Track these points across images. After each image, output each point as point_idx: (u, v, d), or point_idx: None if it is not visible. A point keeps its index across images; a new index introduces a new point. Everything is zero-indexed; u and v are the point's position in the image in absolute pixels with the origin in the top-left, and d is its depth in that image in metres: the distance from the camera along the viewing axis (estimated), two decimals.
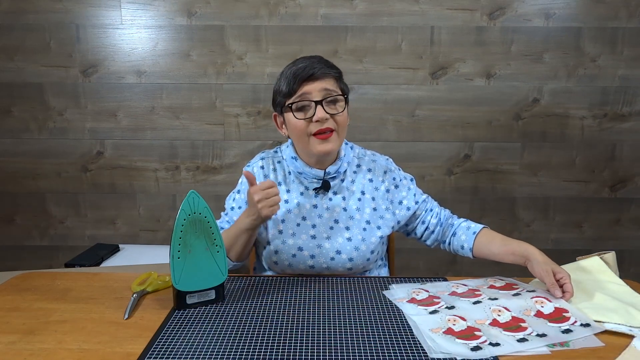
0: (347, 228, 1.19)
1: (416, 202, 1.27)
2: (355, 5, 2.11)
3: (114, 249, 2.10)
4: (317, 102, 1.10)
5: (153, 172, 2.27)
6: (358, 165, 1.26)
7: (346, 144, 1.28)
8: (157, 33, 2.14)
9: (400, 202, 1.26)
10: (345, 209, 1.21)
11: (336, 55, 2.14)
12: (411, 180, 1.31)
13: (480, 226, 1.23)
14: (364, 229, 1.20)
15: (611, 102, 2.19)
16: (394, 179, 1.26)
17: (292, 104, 1.12)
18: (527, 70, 2.16)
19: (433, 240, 1.30)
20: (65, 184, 2.28)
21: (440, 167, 2.26)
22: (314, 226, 1.20)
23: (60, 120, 2.22)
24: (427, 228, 1.28)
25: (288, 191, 1.22)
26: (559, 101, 2.19)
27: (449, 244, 1.28)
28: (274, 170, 1.25)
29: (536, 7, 2.11)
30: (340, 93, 1.14)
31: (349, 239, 1.18)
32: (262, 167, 1.24)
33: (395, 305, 1.00)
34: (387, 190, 1.25)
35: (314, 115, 1.10)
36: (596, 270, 1.11)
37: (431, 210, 1.29)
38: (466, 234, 1.22)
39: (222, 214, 1.29)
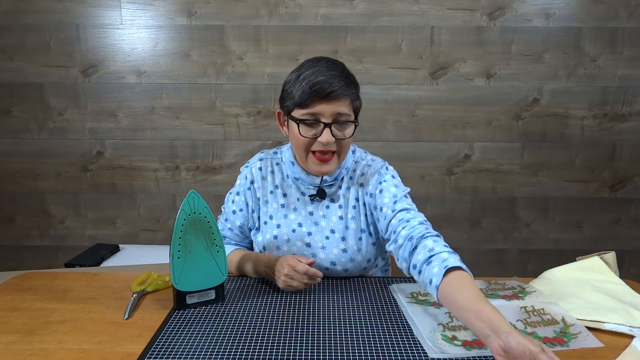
0: (343, 238, 1.16)
1: (393, 211, 1.10)
2: (355, 5, 2.11)
3: (114, 249, 2.10)
4: (326, 124, 1.04)
5: (153, 172, 2.27)
6: (354, 170, 1.21)
7: None
8: (157, 33, 2.14)
9: (381, 209, 1.12)
10: (341, 218, 1.17)
11: (336, 55, 2.14)
12: (404, 193, 1.14)
13: (458, 262, 0.91)
14: (360, 239, 1.17)
15: (611, 102, 2.19)
16: (380, 183, 1.15)
17: (300, 119, 1.06)
18: (527, 70, 2.16)
19: (402, 258, 1.02)
20: (65, 184, 2.28)
21: (440, 167, 2.26)
22: (309, 234, 1.17)
23: (60, 120, 2.22)
24: (396, 239, 1.06)
25: (285, 195, 1.20)
26: (559, 101, 2.19)
27: (409, 262, 1.00)
28: (272, 172, 1.22)
29: (536, 7, 2.11)
30: (353, 117, 1.08)
31: (344, 250, 1.15)
32: (260, 169, 1.22)
33: (395, 305, 1.00)
34: (371, 195, 1.15)
35: (319, 135, 1.05)
36: (596, 270, 1.11)
37: (407, 221, 1.06)
38: (439, 266, 0.91)
39: (221, 217, 1.27)
